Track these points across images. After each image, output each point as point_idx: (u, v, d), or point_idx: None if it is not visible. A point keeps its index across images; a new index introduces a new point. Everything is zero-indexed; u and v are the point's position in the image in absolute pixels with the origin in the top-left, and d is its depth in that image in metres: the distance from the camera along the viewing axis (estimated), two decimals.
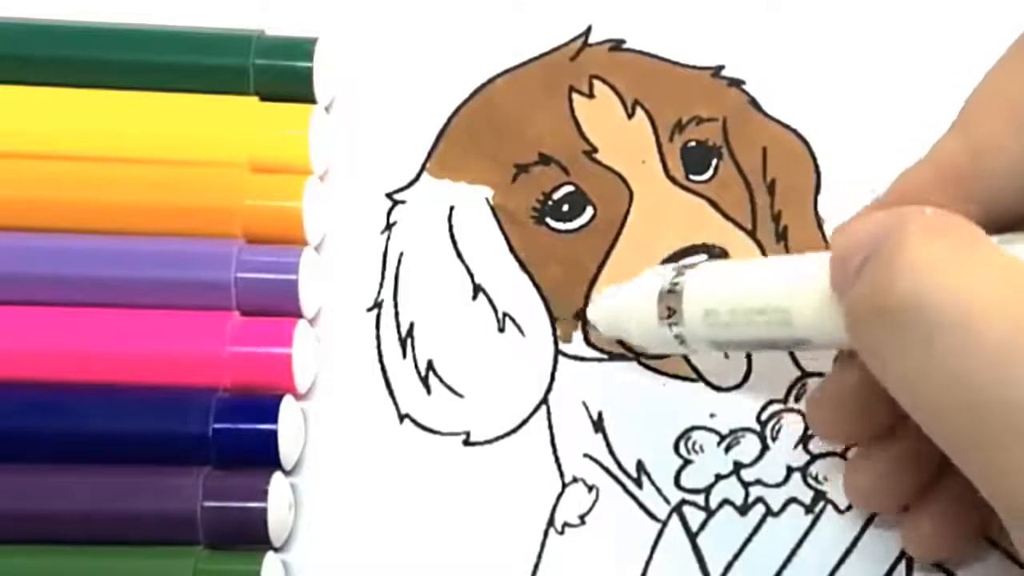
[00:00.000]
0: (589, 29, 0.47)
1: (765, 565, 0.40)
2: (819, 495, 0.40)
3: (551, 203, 0.45)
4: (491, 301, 0.44)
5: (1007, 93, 0.35)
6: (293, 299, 0.42)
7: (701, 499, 0.41)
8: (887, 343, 0.32)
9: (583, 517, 0.41)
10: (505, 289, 0.44)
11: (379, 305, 0.44)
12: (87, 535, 0.40)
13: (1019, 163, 0.34)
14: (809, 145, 0.45)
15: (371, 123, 0.46)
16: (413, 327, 0.43)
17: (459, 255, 0.44)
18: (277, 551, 0.40)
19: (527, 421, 0.42)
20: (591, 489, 0.41)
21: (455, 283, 0.44)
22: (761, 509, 0.40)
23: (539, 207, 0.45)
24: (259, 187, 0.44)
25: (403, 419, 0.42)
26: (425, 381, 0.43)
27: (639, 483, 0.41)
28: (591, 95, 0.46)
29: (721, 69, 0.46)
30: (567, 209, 0.44)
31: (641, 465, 0.41)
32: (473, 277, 0.44)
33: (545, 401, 0.42)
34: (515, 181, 0.45)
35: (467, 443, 0.42)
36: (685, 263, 0.39)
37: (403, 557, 0.40)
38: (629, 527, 0.40)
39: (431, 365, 0.43)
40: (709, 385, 0.42)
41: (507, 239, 0.44)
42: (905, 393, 0.33)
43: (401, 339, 0.43)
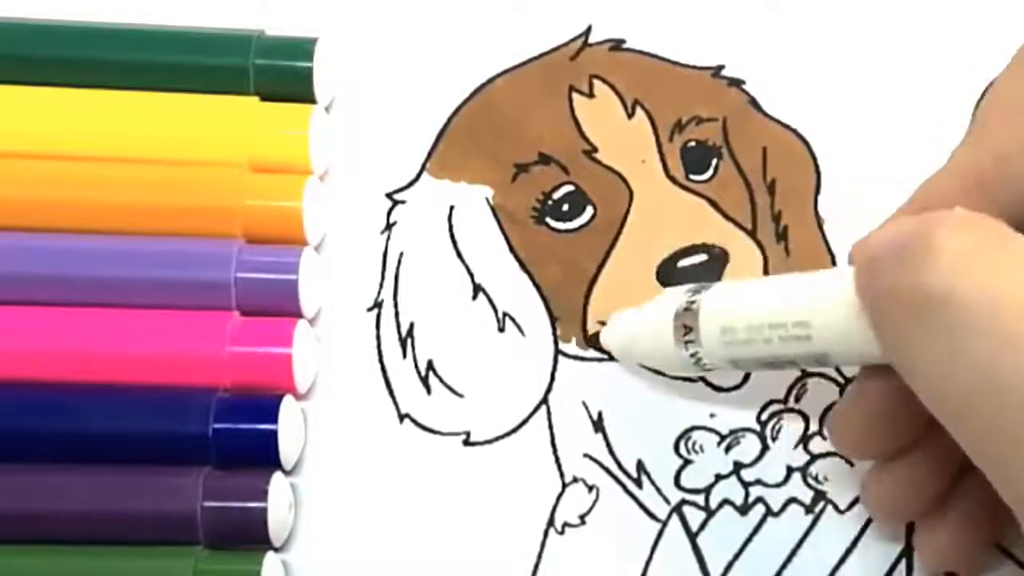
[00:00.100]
0: (589, 29, 0.47)
1: (765, 565, 0.40)
2: (819, 495, 0.40)
3: (551, 203, 0.45)
4: (491, 301, 0.44)
5: None
6: (293, 299, 0.42)
7: (701, 499, 0.41)
8: (914, 337, 0.32)
9: (583, 517, 0.41)
10: (505, 289, 0.44)
11: (379, 305, 0.44)
12: (87, 535, 0.40)
13: None
14: (809, 145, 0.45)
15: (371, 123, 0.46)
16: (413, 327, 0.43)
17: (459, 255, 0.44)
18: (277, 551, 0.40)
19: (527, 421, 0.42)
20: (591, 489, 0.41)
21: (455, 283, 0.44)
22: (761, 509, 0.40)
23: (539, 207, 0.45)
24: (259, 187, 0.44)
25: (403, 419, 0.42)
26: (425, 381, 0.43)
27: (639, 483, 0.41)
28: (591, 95, 0.46)
29: (721, 69, 0.46)
30: (567, 209, 0.44)
31: (641, 465, 0.41)
32: (473, 277, 0.44)
33: (545, 401, 0.42)
34: (515, 181, 0.45)
35: (467, 443, 0.42)
36: (701, 285, 0.39)
37: (403, 557, 0.40)
38: (629, 527, 0.40)
39: (431, 365, 0.43)
40: (709, 385, 0.42)
41: (507, 239, 0.44)
42: (930, 390, 0.32)
43: (401, 339, 0.43)
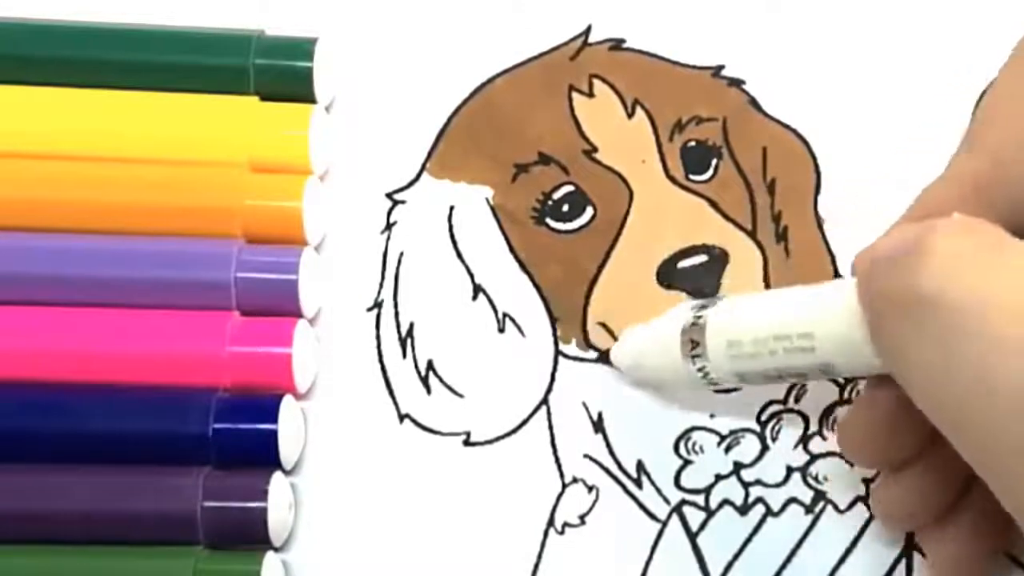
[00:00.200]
0: (589, 29, 0.47)
1: (765, 565, 0.40)
2: (819, 495, 0.40)
3: (551, 203, 0.45)
4: (491, 301, 0.44)
5: (1022, 97, 0.35)
6: (293, 299, 0.42)
7: (701, 499, 0.41)
8: (907, 340, 0.32)
9: (583, 517, 0.41)
10: (505, 289, 0.44)
11: (379, 305, 0.44)
12: (87, 535, 0.40)
13: None
14: (809, 145, 0.45)
15: (371, 123, 0.46)
16: (413, 327, 0.43)
17: (459, 255, 0.44)
18: (277, 551, 0.40)
19: (527, 421, 0.42)
20: (591, 489, 0.41)
21: (455, 283, 0.44)
22: (761, 509, 0.40)
23: (539, 207, 0.45)
24: (259, 187, 0.44)
25: (403, 419, 0.42)
26: (425, 381, 0.43)
27: (639, 483, 0.41)
28: (591, 95, 0.46)
29: (721, 69, 0.46)
30: (567, 209, 0.44)
31: (641, 465, 0.41)
32: (473, 277, 0.44)
33: (545, 401, 0.42)
34: (515, 181, 0.45)
35: (467, 443, 0.42)
36: (708, 300, 0.39)
37: (403, 557, 0.40)
38: (629, 527, 0.40)
39: (431, 365, 0.43)
40: None
41: (507, 239, 0.44)
42: (927, 399, 0.32)
43: (401, 339, 0.43)
